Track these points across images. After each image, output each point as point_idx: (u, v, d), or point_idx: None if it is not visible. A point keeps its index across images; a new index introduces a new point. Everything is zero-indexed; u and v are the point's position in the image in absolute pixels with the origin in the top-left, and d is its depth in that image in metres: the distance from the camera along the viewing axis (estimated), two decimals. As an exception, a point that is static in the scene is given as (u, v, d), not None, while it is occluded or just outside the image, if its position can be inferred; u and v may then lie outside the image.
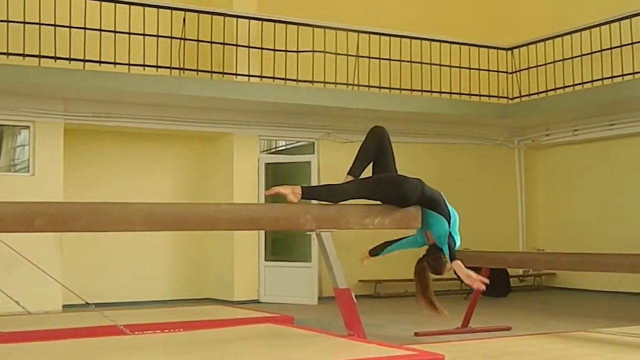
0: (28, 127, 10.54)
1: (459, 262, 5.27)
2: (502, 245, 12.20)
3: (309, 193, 5.34)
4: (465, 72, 12.84)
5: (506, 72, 13.14)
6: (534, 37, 12.66)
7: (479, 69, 12.91)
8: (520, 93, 12.95)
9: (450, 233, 5.39)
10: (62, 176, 10.53)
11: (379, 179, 5.41)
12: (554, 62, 12.34)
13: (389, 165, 5.47)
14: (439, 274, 5.44)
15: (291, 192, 5.12)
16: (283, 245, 12.23)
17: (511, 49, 13.07)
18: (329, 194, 5.31)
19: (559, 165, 13.68)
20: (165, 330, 6.31)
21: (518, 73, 13.02)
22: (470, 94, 12.88)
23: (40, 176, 10.44)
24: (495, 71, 13.09)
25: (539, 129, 13.33)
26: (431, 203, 5.40)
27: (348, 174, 5.36)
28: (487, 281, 5.28)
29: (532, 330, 8.02)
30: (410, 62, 12.38)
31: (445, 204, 5.48)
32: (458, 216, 5.53)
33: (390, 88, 12.22)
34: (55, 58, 10.08)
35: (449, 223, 5.40)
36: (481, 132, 13.52)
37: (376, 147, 5.40)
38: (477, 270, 8.53)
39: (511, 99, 13.13)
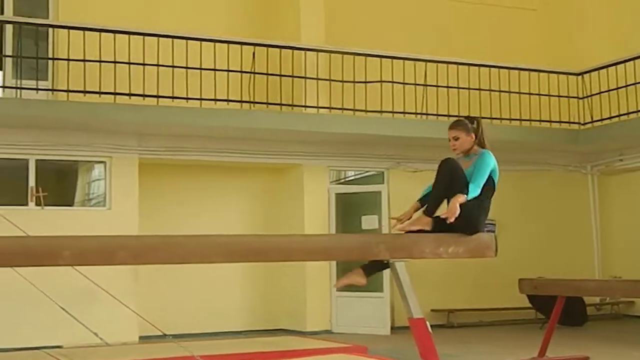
0: (104, 162, 10.83)
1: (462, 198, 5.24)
2: (577, 272, 12.01)
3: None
4: (536, 99, 12.73)
5: (577, 98, 12.99)
6: (604, 62, 12.51)
7: (549, 95, 12.80)
8: (592, 118, 12.78)
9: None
10: (137, 209, 10.77)
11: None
12: (626, 86, 12.14)
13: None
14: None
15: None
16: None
17: (581, 74, 12.92)
18: None
19: (635, 190, 13.41)
20: (241, 361, 6.39)
21: (589, 98, 12.85)
22: (541, 120, 12.76)
23: (116, 210, 10.70)
24: (566, 97, 12.95)
25: (612, 154, 13.10)
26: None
27: (424, 212, 5.40)
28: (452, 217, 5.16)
29: (611, 360, 7.87)
30: (479, 89, 12.34)
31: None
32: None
33: (458, 116, 12.18)
34: (130, 95, 10.38)
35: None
36: (553, 159, 13.36)
37: (447, 184, 5.41)
38: (553, 298, 8.44)
39: (583, 124, 12.96)
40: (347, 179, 12.98)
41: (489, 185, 5.60)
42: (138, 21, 10.88)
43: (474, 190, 5.41)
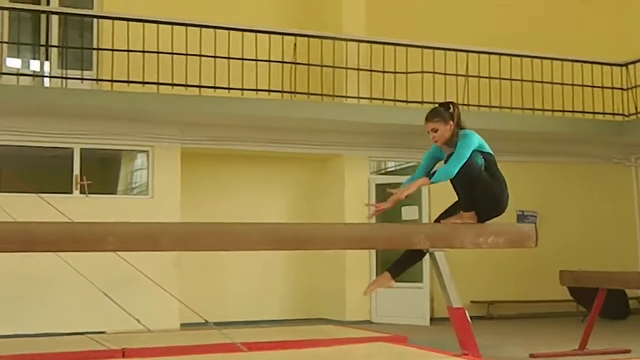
0: (147, 151, 10.97)
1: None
2: (620, 266, 11.86)
3: None
4: (579, 90, 12.61)
5: (621, 89, 12.83)
6: (649, 52, 12.36)
7: (592, 86, 12.67)
8: (636, 110, 12.62)
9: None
10: (179, 198, 10.90)
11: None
12: (671, 76, 11.99)
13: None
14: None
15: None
16: (394, 266, 12.23)
17: (626, 64, 12.75)
18: None
19: (679, 181, 13.24)
20: (281, 349, 6.45)
21: (634, 89, 12.69)
22: (584, 112, 12.64)
23: (159, 198, 10.84)
24: (610, 88, 12.80)
25: (657, 145, 12.95)
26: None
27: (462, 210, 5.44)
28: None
29: (653, 354, 7.80)
30: (521, 80, 12.25)
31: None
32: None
33: (500, 107, 12.15)
34: (173, 85, 10.49)
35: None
36: (597, 151, 13.22)
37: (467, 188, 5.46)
38: (594, 290, 8.38)
39: (627, 115, 12.81)
40: (387, 170, 12.98)
41: (487, 162, 5.53)
42: (181, 12, 10.98)
43: (447, 171, 5.38)
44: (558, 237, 12.45)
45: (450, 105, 5.67)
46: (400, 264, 5.69)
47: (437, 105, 5.82)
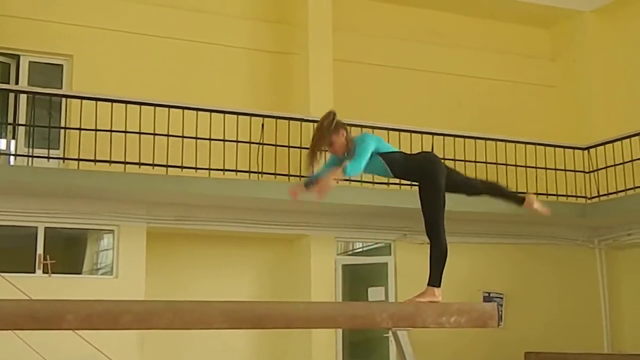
0: (112, 230, 10.90)
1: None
2: (586, 347, 11.91)
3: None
4: (542, 172, 12.81)
5: (583, 172, 13.06)
6: (610, 137, 12.62)
7: (555, 169, 12.88)
8: (598, 192, 12.82)
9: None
10: (144, 278, 10.79)
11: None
12: (632, 160, 12.23)
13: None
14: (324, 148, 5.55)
15: None
16: (360, 348, 12.16)
17: (587, 148, 13.02)
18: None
19: (644, 265, 13.37)
20: None
21: (596, 172, 12.92)
22: (548, 194, 12.81)
23: (123, 278, 10.73)
24: (572, 171, 13.03)
25: (620, 228, 13.07)
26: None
27: (428, 283, 5.47)
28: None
29: None
30: (486, 162, 12.43)
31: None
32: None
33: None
34: (140, 164, 10.51)
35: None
36: (560, 232, 13.35)
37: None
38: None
39: (589, 198, 13.00)
40: (354, 251, 13.00)
41: (390, 157, 5.64)
42: (150, 92, 11.07)
43: (353, 168, 5.40)
44: (524, 318, 12.48)
45: (330, 116, 5.66)
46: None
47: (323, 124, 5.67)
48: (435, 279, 5.47)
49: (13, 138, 11.02)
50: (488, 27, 14.10)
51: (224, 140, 10.98)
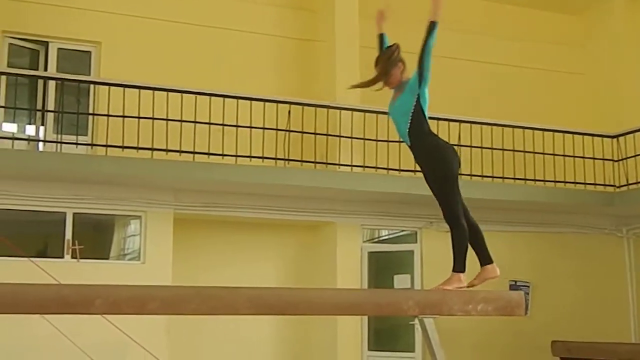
0: (139, 216, 10.96)
1: None
2: (613, 336, 11.78)
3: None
4: (571, 161, 12.70)
5: (612, 160, 12.92)
6: (639, 125, 12.47)
7: (583, 157, 12.76)
8: (627, 181, 12.69)
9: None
10: (171, 264, 10.85)
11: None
12: (662, 148, 12.10)
13: None
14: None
15: None
16: (386, 335, 12.16)
17: (617, 136, 12.88)
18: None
19: (671, 253, 13.23)
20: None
21: (624, 161, 12.78)
22: (576, 182, 12.71)
23: (150, 264, 10.78)
24: (601, 159, 12.91)
25: (649, 217, 12.98)
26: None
27: (453, 270, 5.47)
28: None
29: None
30: (514, 150, 12.33)
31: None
32: None
33: (492, 177, 12.21)
34: (167, 150, 10.55)
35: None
36: (589, 221, 13.24)
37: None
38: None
39: (618, 187, 12.87)
40: (380, 238, 12.98)
41: (418, 115, 5.83)
42: (177, 79, 11.10)
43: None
44: (550, 307, 12.40)
45: (394, 45, 5.81)
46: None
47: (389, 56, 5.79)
48: (459, 265, 5.46)
49: (42, 124, 11.10)
50: (518, 14, 13.97)
51: (250, 127, 10.99)
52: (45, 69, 11.24)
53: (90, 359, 7.62)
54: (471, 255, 5.58)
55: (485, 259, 5.61)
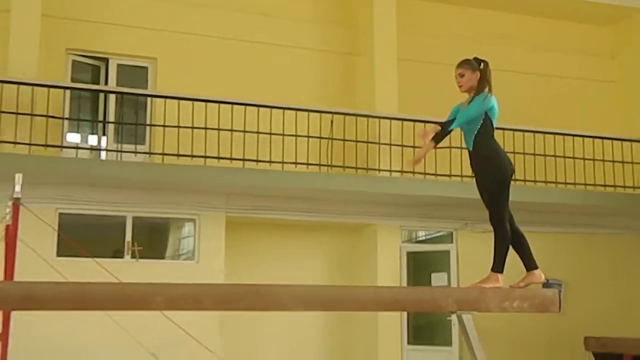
0: (194, 219, 11.04)
1: None
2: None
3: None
4: (602, 164, 12.45)
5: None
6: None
7: (615, 161, 12.50)
8: (667, 184, 12.47)
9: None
10: (223, 263, 10.91)
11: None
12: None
13: None
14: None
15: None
16: (425, 331, 12.10)
17: (647, 141, 12.67)
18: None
19: None
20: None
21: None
22: (605, 185, 12.48)
23: (204, 264, 10.86)
24: (631, 163, 12.68)
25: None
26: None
27: (492, 269, 5.44)
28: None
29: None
30: (544, 155, 12.17)
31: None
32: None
33: (525, 180, 12.06)
34: (219, 158, 10.62)
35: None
36: (620, 223, 12.93)
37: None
38: (619, 357, 8.18)
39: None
40: (418, 239, 12.93)
41: (486, 126, 5.81)
42: (227, 92, 11.17)
43: (455, 124, 5.86)
44: (584, 305, 12.23)
45: (483, 62, 5.80)
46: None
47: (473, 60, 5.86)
48: (498, 265, 5.42)
49: (103, 135, 11.25)
50: (550, 26, 13.78)
51: (295, 136, 11.03)
52: (106, 84, 11.38)
53: (149, 354, 7.69)
54: (510, 258, 5.51)
55: (531, 264, 5.54)
